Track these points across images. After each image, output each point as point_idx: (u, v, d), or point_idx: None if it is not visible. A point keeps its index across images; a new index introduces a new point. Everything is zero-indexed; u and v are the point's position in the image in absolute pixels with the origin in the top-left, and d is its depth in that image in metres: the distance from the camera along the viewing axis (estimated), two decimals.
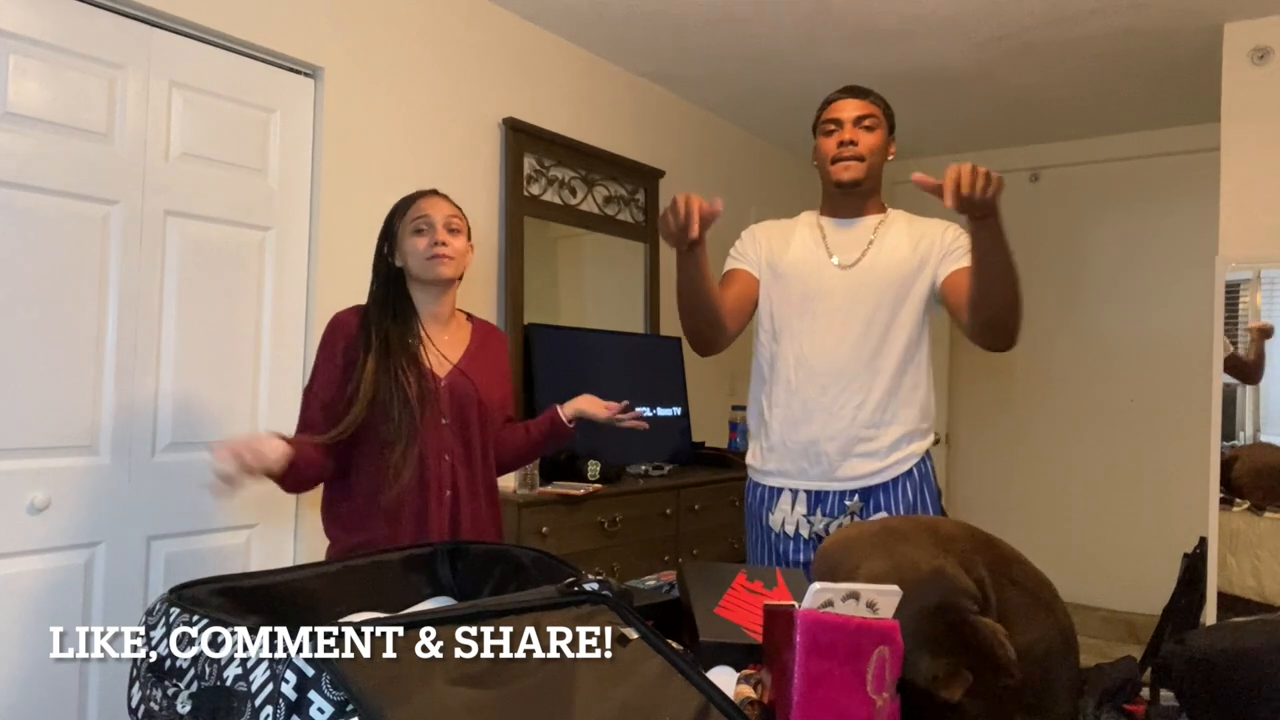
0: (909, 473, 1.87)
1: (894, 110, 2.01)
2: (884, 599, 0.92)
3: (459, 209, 1.88)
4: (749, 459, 2.02)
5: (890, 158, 1.98)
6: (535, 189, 3.41)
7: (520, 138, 3.30)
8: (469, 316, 1.96)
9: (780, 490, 1.92)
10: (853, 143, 1.89)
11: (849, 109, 1.91)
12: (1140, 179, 4.54)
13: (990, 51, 3.52)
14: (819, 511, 1.87)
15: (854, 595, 0.91)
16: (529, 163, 3.37)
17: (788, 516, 1.90)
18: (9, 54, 2.02)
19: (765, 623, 0.91)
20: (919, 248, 1.89)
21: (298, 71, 2.61)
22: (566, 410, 1.93)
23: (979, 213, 1.55)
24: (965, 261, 1.81)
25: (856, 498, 1.85)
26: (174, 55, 2.31)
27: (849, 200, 1.95)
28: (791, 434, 1.89)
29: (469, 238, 1.89)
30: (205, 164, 2.38)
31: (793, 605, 0.89)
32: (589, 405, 1.92)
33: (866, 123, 1.90)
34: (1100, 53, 3.50)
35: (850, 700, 0.86)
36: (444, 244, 1.79)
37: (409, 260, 1.81)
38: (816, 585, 0.90)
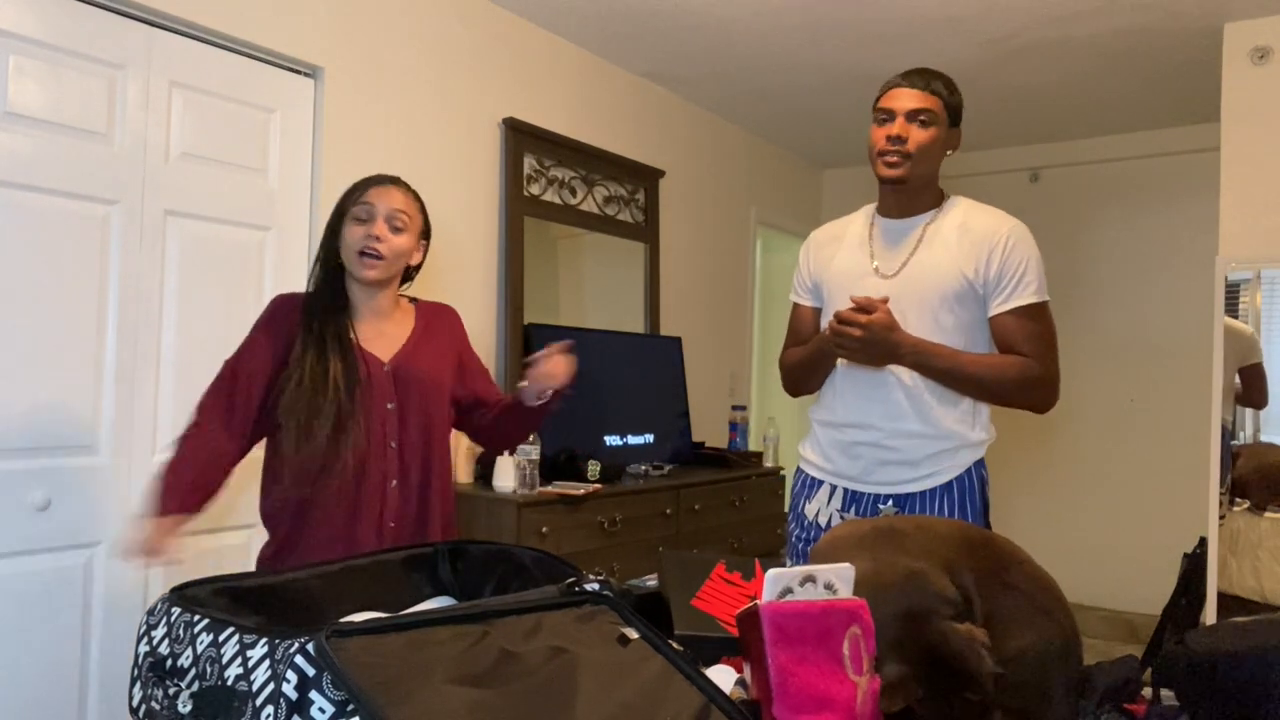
0: (948, 485, 1.81)
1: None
2: (841, 579, 0.92)
3: (416, 202, 1.77)
4: (800, 447, 2.02)
5: (950, 153, 1.82)
6: (535, 189, 3.41)
7: (520, 138, 3.30)
8: (413, 301, 1.87)
9: (821, 482, 1.93)
10: (901, 138, 1.74)
11: (904, 100, 1.75)
12: (1140, 179, 4.54)
13: (990, 51, 3.52)
14: (853, 510, 1.87)
15: (810, 578, 0.91)
16: (529, 163, 3.37)
17: (823, 508, 1.91)
18: (9, 54, 2.02)
19: (739, 627, 0.91)
20: (967, 264, 1.77)
21: (298, 71, 2.61)
22: (531, 388, 1.76)
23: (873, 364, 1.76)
24: (1010, 304, 1.75)
25: (891, 503, 1.82)
26: (174, 55, 2.31)
27: (897, 197, 1.84)
28: (834, 434, 1.90)
29: (424, 236, 1.79)
30: (205, 164, 2.38)
31: (756, 603, 0.89)
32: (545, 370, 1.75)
33: (922, 117, 1.74)
34: (1100, 53, 3.50)
35: (829, 683, 0.85)
36: (378, 239, 1.67)
37: (342, 249, 1.71)
38: (772, 573, 0.90)
